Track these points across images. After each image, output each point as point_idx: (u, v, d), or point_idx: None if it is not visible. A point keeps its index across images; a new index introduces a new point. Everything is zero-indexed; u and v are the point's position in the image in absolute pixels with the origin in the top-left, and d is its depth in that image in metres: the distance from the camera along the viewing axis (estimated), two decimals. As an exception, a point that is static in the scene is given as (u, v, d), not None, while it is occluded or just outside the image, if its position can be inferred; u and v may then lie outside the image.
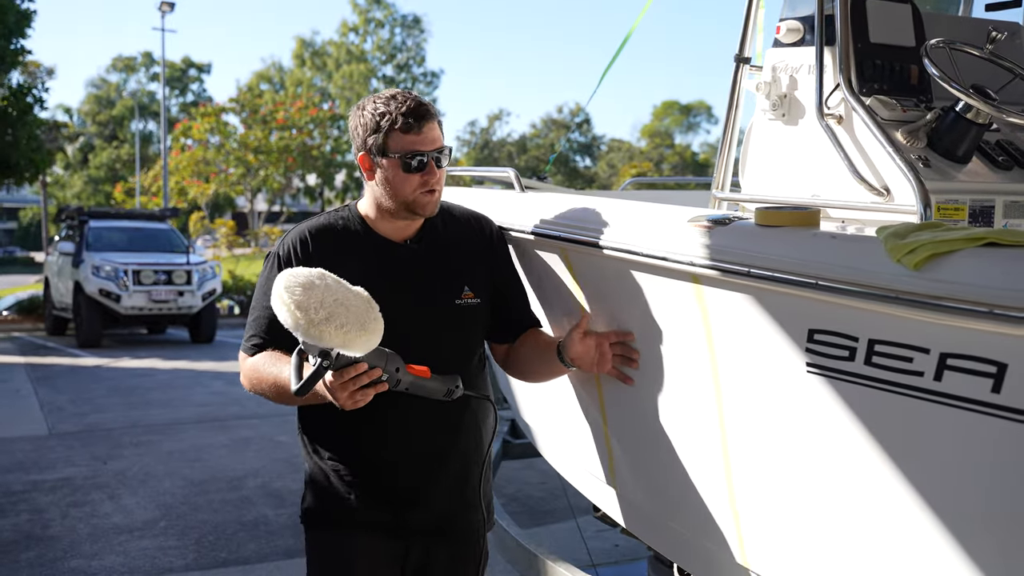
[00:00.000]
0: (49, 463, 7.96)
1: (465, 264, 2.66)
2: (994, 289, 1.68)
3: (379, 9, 52.22)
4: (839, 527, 2.18)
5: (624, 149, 60.05)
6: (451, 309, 2.60)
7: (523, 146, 58.07)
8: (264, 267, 2.63)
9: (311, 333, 2.12)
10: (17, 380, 12.39)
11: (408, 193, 2.49)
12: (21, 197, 54.74)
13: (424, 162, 2.47)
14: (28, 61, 24.44)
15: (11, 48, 17.92)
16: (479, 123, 61.64)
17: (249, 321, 2.62)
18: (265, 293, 2.50)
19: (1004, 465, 1.79)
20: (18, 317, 19.93)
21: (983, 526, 1.88)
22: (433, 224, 2.65)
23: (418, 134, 2.46)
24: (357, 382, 2.22)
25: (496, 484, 7.06)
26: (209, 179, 37.18)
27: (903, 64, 3.17)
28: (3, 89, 19.01)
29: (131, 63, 55.51)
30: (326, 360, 2.17)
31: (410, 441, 2.56)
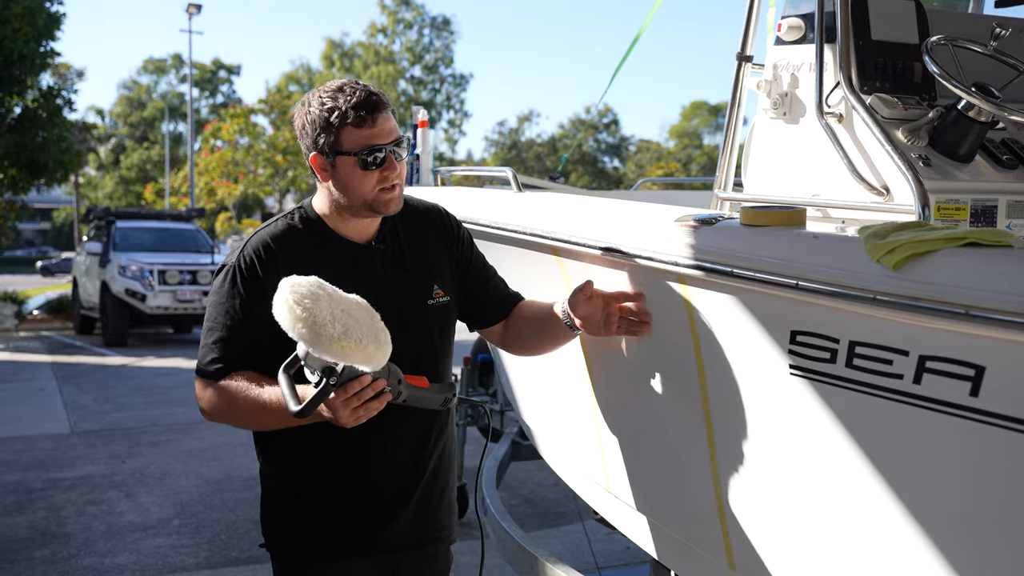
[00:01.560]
0: (69, 461, 8.03)
1: (431, 261, 2.53)
2: (971, 290, 1.64)
3: (407, 10, 52.37)
4: (822, 534, 2.14)
5: (652, 150, 59.85)
6: (425, 310, 2.48)
7: (552, 147, 58.00)
8: (219, 280, 2.39)
9: (331, 349, 1.98)
10: (43, 379, 12.52)
11: (367, 192, 2.32)
12: (54, 197, 55.33)
13: (382, 157, 2.29)
14: (58, 63, 24.73)
15: (40, 51, 18.10)
16: (508, 124, 61.56)
17: (207, 343, 2.37)
18: (225, 311, 2.33)
19: (983, 470, 1.75)
20: (47, 316, 20.17)
21: (964, 532, 1.84)
22: (393, 220, 2.49)
23: (372, 127, 2.27)
24: (362, 397, 2.08)
25: (509, 484, 7.09)
26: (238, 180, 37.46)
27: (906, 62, 3.12)
28: (33, 91, 19.23)
29: (162, 65, 56.08)
30: (332, 377, 2.02)
31: (392, 455, 2.45)
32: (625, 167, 59.27)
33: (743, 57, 3.41)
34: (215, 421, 2.39)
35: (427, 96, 52.41)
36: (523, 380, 3.60)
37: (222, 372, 2.33)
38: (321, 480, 2.45)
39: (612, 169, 59.42)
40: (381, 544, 2.48)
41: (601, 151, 59.94)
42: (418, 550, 2.56)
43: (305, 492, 2.47)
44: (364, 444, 2.41)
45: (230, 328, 2.33)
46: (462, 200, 3.24)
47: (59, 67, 28.35)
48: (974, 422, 1.69)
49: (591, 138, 58.32)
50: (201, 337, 2.41)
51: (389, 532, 2.47)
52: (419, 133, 4.17)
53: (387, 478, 2.46)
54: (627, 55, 5.28)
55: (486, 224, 3.07)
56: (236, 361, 2.32)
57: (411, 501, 2.49)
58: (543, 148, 57.48)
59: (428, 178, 4.19)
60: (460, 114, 53.87)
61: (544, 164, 55.42)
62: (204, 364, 2.36)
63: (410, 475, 2.49)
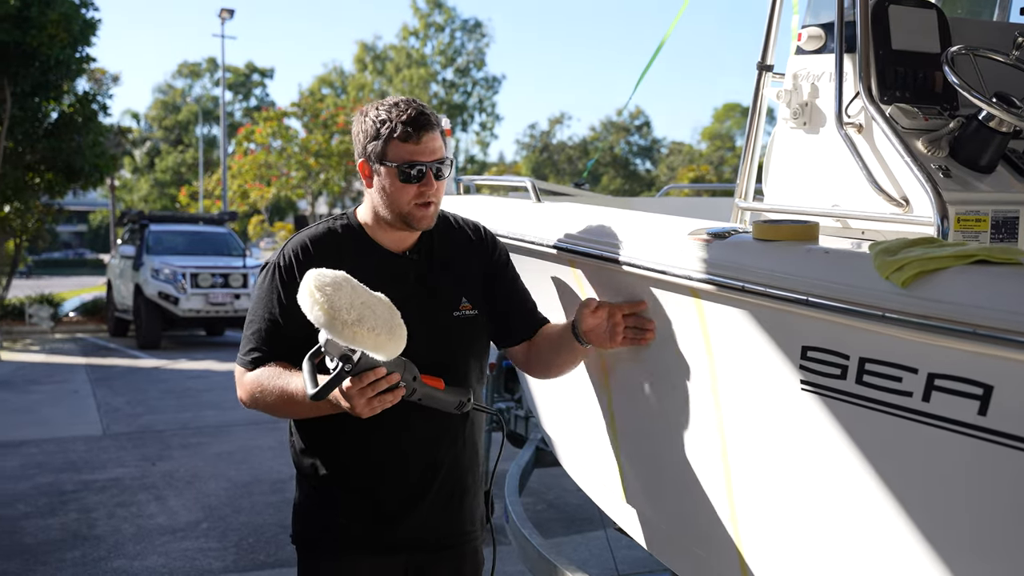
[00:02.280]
0: (101, 463, 8.14)
1: (464, 275, 2.63)
2: (979, 308, 1.64)
3: (439, 13, 52.52)
4: (834, 549, 2.13)
5: (684, 152, 59.61)
6: (450, 321, 2.56)
7: (583, 149, 57.92)
8: (261, 277, 2.56)
9: (343, 334, 2.10)
10: (77, 381, 12.70)
11: (404, 204, 2.45)
12: (91, 200, 56.07)
13: (422, 172, 2.43)
14: (94, 69, 25.03)
15: (76, 56, 18.34)
16: (539, 126, 61.57)
17: (247, 334, 2.55)
18: (265, 304, 2.49)
19: (992, 490, 1.74)
20: (82, 318, 20.42)
21: (973, 552, 1.83)
22: (431, 234, 2.61)
23: (417, 143, 2.42)
24: (376, 387, 2.18)
25: (535, 490, 7.10)
26: (271, 183, 37.70)
27: (927, 71, 3.10)
28: (70, 97, 19.49)
29: (196, 69, 56.69)
30: (347, 364, 2.13)
31: (406, 454, 2.53)
32: (657, 169, 59.08)
33: (763, 66, 3.40)
34: (251, 408, 2.54)
35: (459, 99, 52.52)
36: (543, 390, 3.61)
37: (258, 362, 2.49)
38: (336, 477, 2.55)
39: (644, 172, 59.23)
40: (395, 542, 2.55)
41: (633, 153, 59.77)
42: (436, 552, 2.61)
43: (322, 489, 2.57)
44: (377, 442, 2.50)
45: (266, 321, 2.48)
46: (481, 210, 3.25)
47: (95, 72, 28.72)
48: (983, 441, 1.69)
49: (622, 140, 58.15)
50: (243, 329, 2.58)
51: (403, 530, 2.54)
52: (442, 142, 4.18)
53: (400, 476, 2.53)
54: (652, 60, 5.27)
55: (504, 234, 3.09)
56: (271, 353, 2.48)
57: (425, 500, 2.55)
58: (574, 151, 57.42)
59: (451, 187, 4.21)
60: (492, 117, 53.91)
61: (575, 167, 55.34)
62: (243, 354, 2.53)
63: (424, 474, 2.55)
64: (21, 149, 18.92)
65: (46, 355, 15.54)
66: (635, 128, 58.87)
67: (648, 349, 2.61)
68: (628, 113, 57.72)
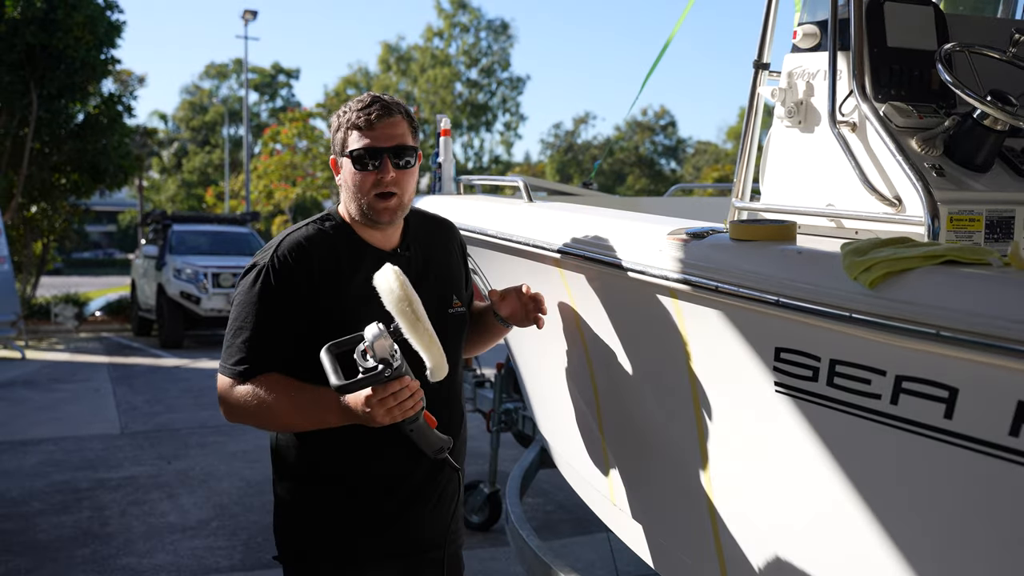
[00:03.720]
0: (117, 462, 8.19)
1: (450, 273, 2.61)
2: (944, 310, 1.61)
3: (464, 14, 52.56)
4: (809, 550, 2.11)
5: (710, 152, 59.33)
6: (445, 319, 2.51)
7: (608, 149, 57.77)
8: (248, 281, 2.40)
9: (420, 334, 2.09)
10: (99, 379, 12.80)
11: (364, 194, 2.38)
12: (119, 200, 56.52)
13: (377, 162, 2.36)
14: (120, 70, 25.25)
15: (102, 58, 18.52)
16: (564, 126, 61.45)
17: (235, 343, 2.37)
18: (256, 310, 2.34)
19: (958, 495, 1.70)
20: (107, 318, 20.59)
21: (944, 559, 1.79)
22: (414, 230, 2.55)
23: (371, 130, 2.37)
24: (399, 397, 2.12)
25: (544, 490, 7.09)
26: (296, 183, 37.87)
27: (923, 69, 3.06)
28: (95, 98, 19.69)
29: (223, 70, 57.04)
30: (387, 368, 2.07)
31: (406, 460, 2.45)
32: (682, 169, 58.83)
33: (760, 64, 3.36)
34: (236, 421, 2.40)
35: (483, 99, 52.53)
36: (538, 392, 3.60)
37: (248, 373, 2.33)
38: (329, 487, 2.47)
39: (669, 172, 59.00)
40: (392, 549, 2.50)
41: (658, 153, 59.55)
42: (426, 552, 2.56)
43: (314, 499, 2.49)
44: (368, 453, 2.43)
45: (258, 328, 2.35)
46: (472, 210, 3.24)
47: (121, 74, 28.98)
48: (949, 445, 1.66)
49: (647, 140, 57.94)
50: (226, 336, 2.41)
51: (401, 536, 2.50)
52: (441, 142, 4.18)
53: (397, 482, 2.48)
54: (658, 60, 5.24)
55: (493, 234, 3.08)
56: (262, 363, 2.34)
57: (424, 505, 2.51)
58: (599, 150, 57.30)
59: (450, 187, 4.20)
60: (516, 117, 53.88)
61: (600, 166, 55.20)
62: (231, 363, 2.36)
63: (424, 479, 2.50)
64: (48, 150, 19.16)
65: (70, 354, 15.68)
66: (660, 128, 58.65)
67: (633, 350, 2.59)
68: (653, 112, 57.56)
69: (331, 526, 2.46)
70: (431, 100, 49.96)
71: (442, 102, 50.06)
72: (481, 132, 52.67)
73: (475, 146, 52.86)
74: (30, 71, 17.53)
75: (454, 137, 44.60)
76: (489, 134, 53.28)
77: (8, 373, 13.38)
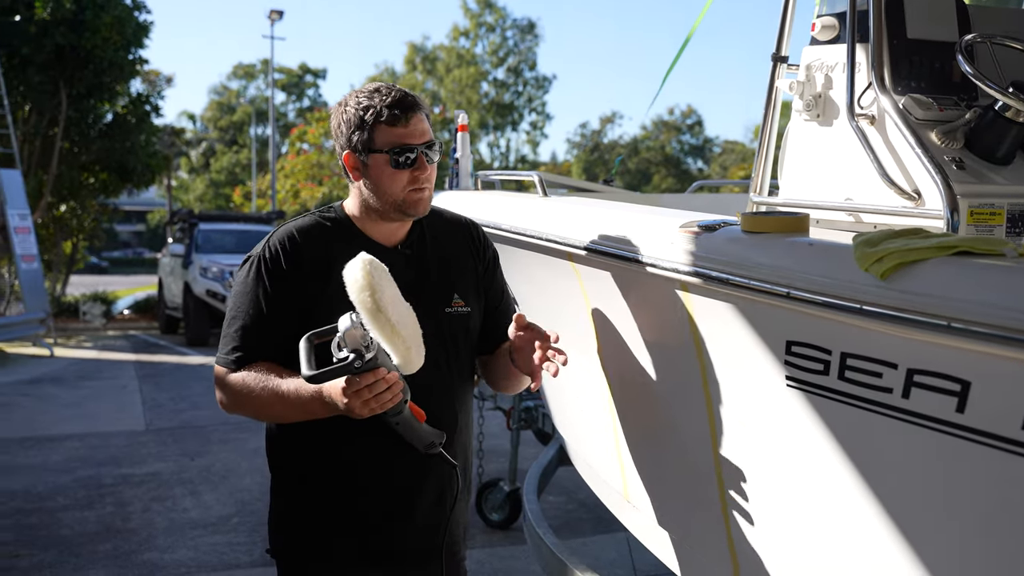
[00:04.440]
0: (140, 458, 8.25)
1: (456, 271, 2.52)
2: (955, 301, 1.57)
3: (490, 13, 52.57)
4: (821, 546, 2.07)
5: (737, 151, 59.03)
6: (440, 318, 2.44)
7: (634, 148, 57.63)
8: (244, 271, 2.40)
9: (383, 329, 2.03)
10: (125, 377, 12.90)
11: (398, 192, 2.33)
12: (148, 200, 56.96)
13: (413, 157, 2.31)
14: (148, 71, 25.47)
15: (129, 58, 18.69)
16: (590, 125, 61.33)
17: (228, 332, 2.37)
18: (250, 299, 2.34)
19: (969, 490, 1.67)
20: (135, 315, 20.77)
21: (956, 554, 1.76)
22: (423, 228, 2.50)
23: (406, 126, 2.30)
24: (375, 389, 2.07)
25: (567, 488, 7.06)
26: (322, 182, 38.02)
27: (944, 61, 3.01)
28: (123, 98, 19.88)
29: (251, 70, 57.37)
30: (358, 359, 2.04)
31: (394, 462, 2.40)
32: (709, 168, 58.56)
33: (778, 58, 3.33)
34: (232, 412, 2.40)
35: (509, 98, 52.51)
36: (553, 388, 3.58)
37: (241, 361, 2.33)
38: (321, 486, 2.43)
39: (696, 171, 58.74)
40: (382, 553, 2.45)
41: (684, 152, 59.33)
42: (424, 563, 2.48)
43: (307, 498, 2.45)
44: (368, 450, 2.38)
45: (252, 317, 2.34)
46: (487, 205, 3.23)
47: (149, 74, 29.21)
48: (961, 440, 1.62)
49: (674, 139, 57.73)
50: (223, 326, 2.42)
51: (390, 541, 2.44)
52: (459, 137, 4.16)
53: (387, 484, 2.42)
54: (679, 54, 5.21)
55: (507, 229, 3.06)
56: (255, 351, 2.33)
57: (414, 509, 2.44)
58: (625, 150, 57.15)
59: (467, 182, 4.19)
60: (542, 116, 53.84)
61: (626, 166, 55.06)
62: (224, 353, 2.37)
63: (412, 482, 2.43)
64: (76, 150, 19.36)
65: (98, 351, 15.82)
66: (687, 127, 58.43)
67: (644, 344, 2.57)
68: (680, 112, 57.36)
69: (310, 522, 2.44)
70: (457, 99, 50.01)
71: (468, 101, 50.10)
72: (507, 131, 52.65)
73: (501, 145, 52.87)
74: (59, 71, 17.72)
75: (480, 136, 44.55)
76: (515, 133, 53.27)
77: (37, 370, 13.51)
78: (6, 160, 16.68)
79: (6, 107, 16.35)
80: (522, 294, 3.39)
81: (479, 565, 5.61)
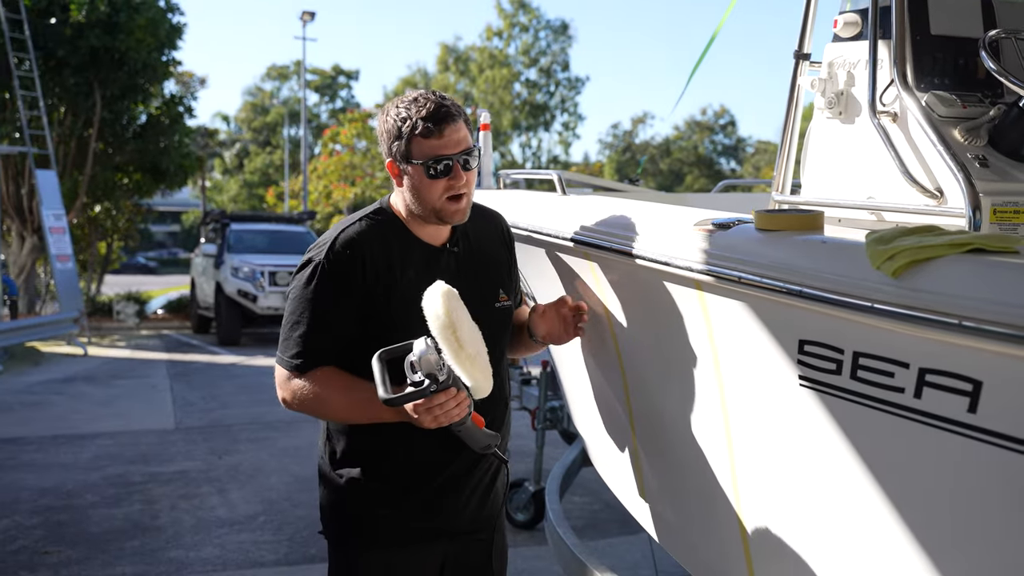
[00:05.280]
0: (169, 456, 8.31)
1: (497, 267, 2.61)
2: (967, 299, 1.54)
3: (524, 13, 52.53)
4: (832, 549, 2.04)
5: (770, 151, 58.59)
6: (492, 313, 2.52)
7: (666, 149, 57.38)
8: (305, 276, 2.43)
9: (463, 364, 2.12)
10: (157, 376, 13.03)
11: (435, 200, 2.39)
12: (183, 200, 57.53)
13: (449, 166, 2.36)
14: (181, 72, 25.72)
15: (163, 60, 18.87)
16: (622, 126, 61.16)
17: (291, 336, 2.42)
18: (311, 305, 2.39)
19: (982, 491, 1.63)
20: (168, 315, 20.97)
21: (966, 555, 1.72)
22: (464, 227, 2.55)
23: (440, 138, 2.35)
24: (445, 407, 2.16)
25: (593, 489, 7.03)
26: (355, 183, 38.18)
27: (968, 57, 2.97)
28: (157, 99, 20.08)
29: (284, 71, 57.69)
30: (433, 384, 2.11)
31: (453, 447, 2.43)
32: (742, 169, 58.19)
33: (800, 55, 3.29)
34: (294, 410, 2.48)
35: (541, 99, 52.45)
36: (573, 387, 3.56)
37: (306, 365, 2.39)
38: (379, 469, 2.50)
39: (729, 171, 58.38)
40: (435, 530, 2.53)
41: (717, 153, 58.99)
42: (470, 535, 2.59)
43: (363, 481, 2.50)
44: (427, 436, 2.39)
45: (314, 322, 2.39)
46: (505, 203, 3.22)
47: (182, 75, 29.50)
48: (974, 440, 1.59)
49: (707, 140, 57.42)
50: (283, 329, 2.47)
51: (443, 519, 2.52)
52: (480, 136, 4.16)
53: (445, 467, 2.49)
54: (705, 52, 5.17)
55: (524, 227, 3.05)
56: (318, 357, 2.39)
57: (468, 489, 2.53)
58: (657, 150, 56.93)
59: (489, 181, 4.18)
60: (574, 117, 53.72)
61: (658, 166, 54.86)
62: (288, 356, 2.42)
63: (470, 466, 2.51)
64: (111, 151, 19.56)
65: (131, 351, 15.99)
66: (720, 127, 58.10)
67: (660, 343, 2.55)
68: (713, 112, 57.07)
69: (371, 509, 2.50)
70: (489, 100, 50.02)
71: (500, 102, 50.10)
72: (539, 132, 52.59)
73: (533, 146, 52.82)
74: (94, 73, 17.92)
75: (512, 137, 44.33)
76: (547, 134, 53.18)
77: (70, 369, 13.68)
78: (42, 161, 16.91)
79: (42, 109, 16.56)
80: (539, 290, 3.38)
81: (503, 565, 5.61)
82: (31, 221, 18.31)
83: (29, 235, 18.58)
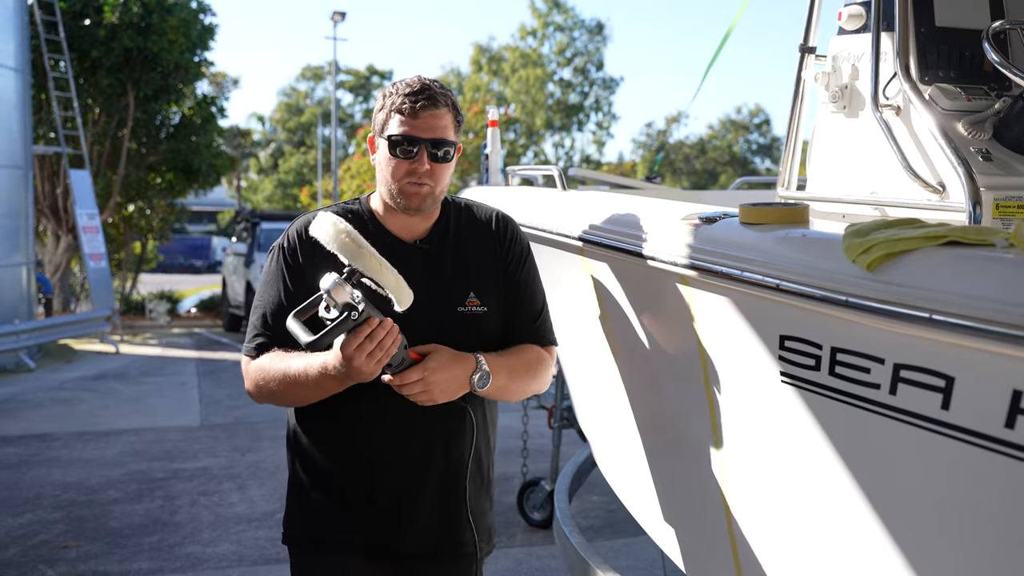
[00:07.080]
0: (193, 453, 8.37)
1: (476, 270, 2.45)
2: (936, 293, 1.50)
3: (558, 13, 52.42)
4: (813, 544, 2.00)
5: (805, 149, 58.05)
6: (452, 316, 2.39)
7: (701, 148, 57.06)
8: (268, 261, 2.45)
9: (369, 261, 2.04)
10: (186, 374, 13.13)
11: (396, 179, 2.33)
12: (219, 200, 57.94)
13: (412, 150, 2.30)
14: (214, 72, 25.94)
15: (195, 60, 19.04)
16: (656, 125, 60.87)
17: (251, 322, 2.42)
18: (270, 288, 2.38)
19: (956, 491, 1.59)
20: (200, 314, 21.16)
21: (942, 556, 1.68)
22: (447, 224, 2.46)
23: (413, 118, 2.30)
24: (375, 338, 2.06)
25: (610, 489, 6.97)
26: (386, 182, 38.25)
27: (974, 49, 2.91)
28: (190, 99, 20.27)
29: (319, 72, 58.05)
30: (353, 312, 2.02)
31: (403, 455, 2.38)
32: (777, 168, 57.69)
33: (806, 48, 3.24)
34: (259, 400, 2.42)
35: (575, 99, 52.35)
36: (577, 389, 3.54)
37: (261, 348, 2.37)
38: (333, 476, 2.43)
39: (764, 170, 57.92)
40: (390, 548, 2.42)
41: (752, 152, 58.57)
42: (431, 561, 2.46)
43: (319, 488, 2.45)
44: (373, 440, 2.38)
45: (271, 305, 2.38)
46: (506, 200, 3.20)
47: (215, 76, 29.74)
48: (946, 438, 1.54)
49: (741, 139, 57.03)
50: (249, 317, 2.46)
51: (399, 536, 2.41)
52: (489, 133, 4.14)
53: (394, 477, 2.39)
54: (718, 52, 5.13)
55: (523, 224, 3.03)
56: (275, 338, 2.35)
57: (421, 504, 2.40)
58: (691, 150, 56.63)
59: (497, 178, 4.16)
60: (608, 116, 53.56)
61: (692, 166, 54.58)
62: (247, 342, 2.41)
63: (420, 477, 2.40)
64: (144, 151, 19.77)
65: (162, 348, 16.14)
66: (754, 126, 57.68)
67: (650, 339, 2.51)
68: (748, 111, 56.68)
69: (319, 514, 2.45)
70: (522, 99, 50.00)
71: (533, 102, 50.06)
72: (573, 131, 52.48)
73: (566, 145, 52.73)
74: (127, 74, 18.13)
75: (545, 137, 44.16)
76: (581, 133, 53.06)
77: (101, 366, 13.83)
78: (76, 161, 17.13)
79: (76, 109, 16.77)
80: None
81: (517, 564, 5.58)
82: (66, 220, 18.55)
83: (64, 234, 18.82)
